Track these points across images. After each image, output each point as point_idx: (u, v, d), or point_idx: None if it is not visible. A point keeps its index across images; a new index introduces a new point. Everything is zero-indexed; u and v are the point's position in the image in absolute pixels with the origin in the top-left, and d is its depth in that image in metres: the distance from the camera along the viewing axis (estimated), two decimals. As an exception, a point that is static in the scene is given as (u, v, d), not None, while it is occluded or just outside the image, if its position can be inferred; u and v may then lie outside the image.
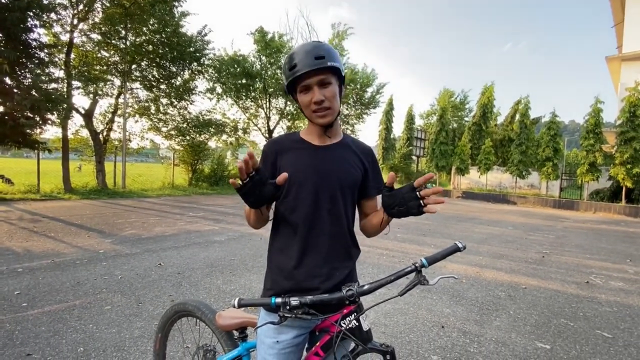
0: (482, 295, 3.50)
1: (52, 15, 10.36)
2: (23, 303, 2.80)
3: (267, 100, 17.88)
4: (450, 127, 19.66)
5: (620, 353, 2.46)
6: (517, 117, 18.16)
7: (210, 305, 1.36)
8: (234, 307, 0.83)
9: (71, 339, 2.28)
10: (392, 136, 25.50)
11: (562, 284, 4.00)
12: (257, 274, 3.79)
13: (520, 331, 2.73)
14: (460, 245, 0.94)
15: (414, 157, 27.32)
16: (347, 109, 22.70)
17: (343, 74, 0.99)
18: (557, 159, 14.70)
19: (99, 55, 12.59)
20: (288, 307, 0.85)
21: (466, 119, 30.93)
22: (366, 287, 0.91)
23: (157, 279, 3.49)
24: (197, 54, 14.28)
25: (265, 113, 18.27)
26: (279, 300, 0.85)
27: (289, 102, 18.39)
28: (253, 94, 17.22)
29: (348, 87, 21.40)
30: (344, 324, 0.92)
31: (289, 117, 18.69)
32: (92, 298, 2.97)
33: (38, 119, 9.81)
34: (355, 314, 0.93)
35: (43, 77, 9.69)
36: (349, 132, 23.13)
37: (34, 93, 9.15)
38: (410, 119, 28.13)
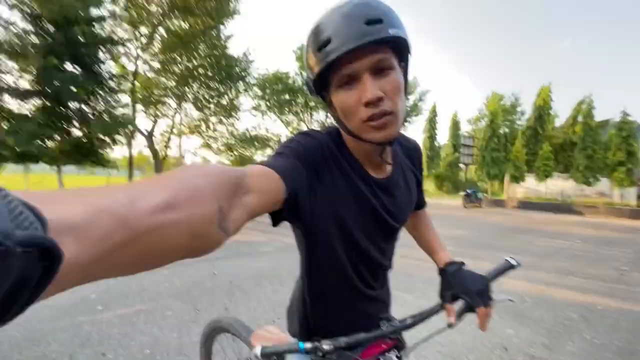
0: (550, 316, 3.17)
1: (120, 48, 11.72)
2: (98, 306, 3.10)
3: (309, 113, 18.33)
4: (501, 131, 18.46)
5: None
6: (580, 118, 16.55)
7: (244, 323, 1.30)
8: (256, 357, 0.70)
9: (139, 341, 2.47)
10: (436, 144, 24.62)
11: (649, 306, 3.49)
12: (305, 285, 3.81)
13: (599, 357, 2.42)
14: (513, 262, 0.81)
15: (461, 165, 26.00)
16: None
17: (409, 51, 0.63)
18: (631, 164, 13.04)
19: (158, 81, 13.91)
20: (321, 354, 0.72)
21: (518, 122, 28.90)
22: (409, 321, 0.75)
23: (212, 288, 3.67)
24: (243, 74, 15.18)
25: (307, 126, 18.72)
26: (308, 345, 0.71)
27: (329, 115, 18.66)
28: (295, 108, 17.77)
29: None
30: None
31: (331, 129, 18.90)
32: (155, 304, 3.20)
33: (109, 140, 11.05)
34: (396, 350, 0.80)
35: (113, 103, 10.94)
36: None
37: (105, 117, 10.34)
38: (455, 125, 26.98)
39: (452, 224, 9.55)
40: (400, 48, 0.61)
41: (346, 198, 0.68)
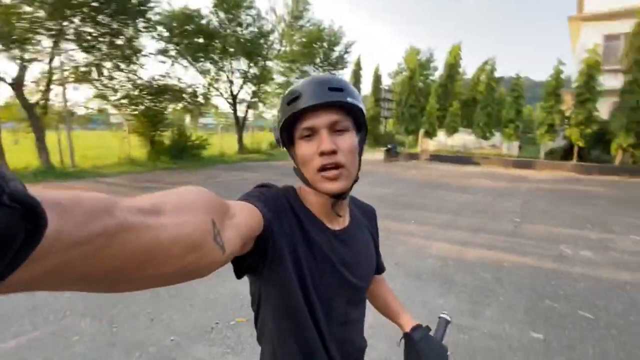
0: (470, 280, 3.56)
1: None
2: (-33, 344, 2.37)
3: (229, 62, 16.47)
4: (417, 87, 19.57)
5: (604, 337, 2.61)
6: (483, 77, 18.44)
7: None
8: None
9: (37, 392, 1.96)
10: (360, 98, 25.15)
11: (539, 259, 4.20)
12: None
13: (512, 320, 2.80)
14: (448, 318, 0.94)
15: (381, 119, 27.33)
16: (314, 70, 21.78)
17: (366, 122, 0.73)
18: (519, 121, 15.32)
19: (20, 10, 10.52)
20: None
21: (431, 78, 31.03)
22: None
23: (131, 294, 3.14)
24: (142, 7, 12.47)
25: (227, 76, 16.93)
26: None
27: (251, 64, 17.10)
28: (212, 55, 15.69)
29: (315, 45, 20.35)
30: None
31: (255, 80, 17.51)
32: (55, 326, 2.58)
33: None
34: None
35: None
36: (316, 94, 22.39)
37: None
38: (377, 79, 27.69)
39: (376, 182, 10.10)
40: (357, 116, 0.69)
41: (304, 247, 0.68)
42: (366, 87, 26.68)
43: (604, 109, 13.16)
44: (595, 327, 2.74)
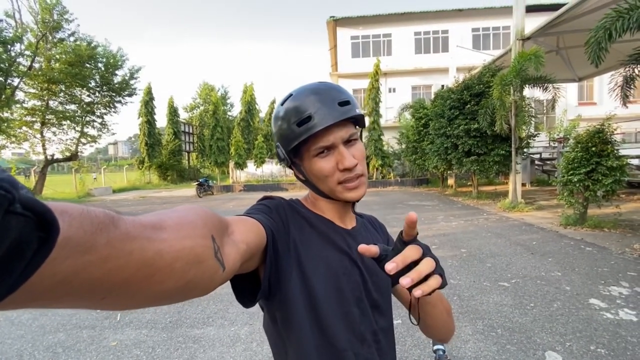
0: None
1: None
2: None
3: None
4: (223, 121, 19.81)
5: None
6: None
7: None
8: None
9: None
10: (156, 131, 22.47)
11: (368, 257, 5.01)
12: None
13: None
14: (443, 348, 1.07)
15: (184, 153, 25.57)
16: (89, 96, 17.90)
17: (365, 126, 0.77)
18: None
19: None
20: None
21: (229, 113, 32.33)
22: None
23: None
24: None
25: None
26: None
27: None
28: None
29: (87, 65, 16.80)
30: None
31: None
32: None
33: None
34: None
35: None
36: (97, 125, 18.32)
37: None
38: (173, 111, 25.95)
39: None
40: (360, 123, 0.72)
41: (321, 247, 0.67)
42: (162, 120, 24.24)
43: (361, 141, 17.95)
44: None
